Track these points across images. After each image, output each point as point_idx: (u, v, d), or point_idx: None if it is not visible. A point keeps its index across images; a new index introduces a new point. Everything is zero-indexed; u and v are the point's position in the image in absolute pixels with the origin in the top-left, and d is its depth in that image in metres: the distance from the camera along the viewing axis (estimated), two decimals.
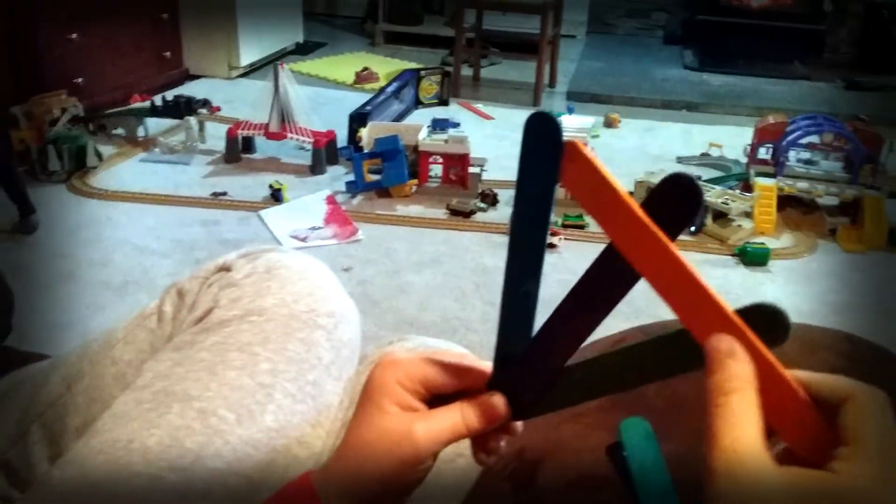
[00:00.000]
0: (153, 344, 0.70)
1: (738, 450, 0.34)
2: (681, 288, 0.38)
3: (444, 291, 1.99)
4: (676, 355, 0.41)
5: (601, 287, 0.42)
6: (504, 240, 2.46)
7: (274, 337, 0.65)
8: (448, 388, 0.49)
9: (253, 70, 3.82)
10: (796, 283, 2.13)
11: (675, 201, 0.38)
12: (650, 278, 0.39)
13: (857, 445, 0.34)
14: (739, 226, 2.37)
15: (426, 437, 0.47)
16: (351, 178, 2.51)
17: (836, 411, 0.37)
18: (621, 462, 0.49)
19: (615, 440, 0.50)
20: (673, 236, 0.39)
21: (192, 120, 2.75)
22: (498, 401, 0.48)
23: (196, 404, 0.61)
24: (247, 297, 0.67)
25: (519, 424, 0.50)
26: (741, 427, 0.35)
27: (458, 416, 0.48)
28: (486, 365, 0.49)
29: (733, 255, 2.24)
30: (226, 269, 0.71)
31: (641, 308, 0.97)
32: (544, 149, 0.41)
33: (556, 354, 0.46)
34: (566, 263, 2.11)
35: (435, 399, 0.49)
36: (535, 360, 0.47)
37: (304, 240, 2.20)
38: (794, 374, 0.38)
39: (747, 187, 2.52)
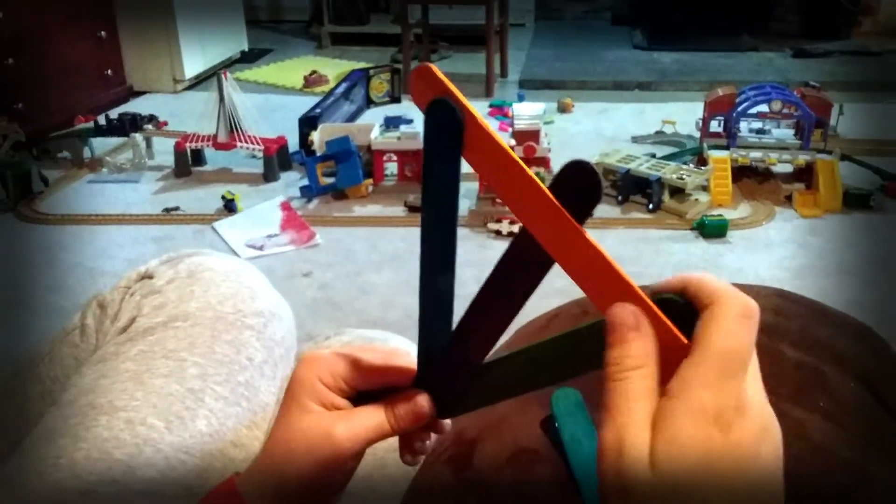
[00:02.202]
0: (78, 358, 0.67)
1: (629, 431, 0.34)
2: (588, 266, 0.38)
3: (406, 289, 1.97)
4: (602, 345, 0.40)
5: (516, 274, 0.41)
6: (464, 232, 2.46)
7: (200, 341, 0.63)
8: (371, 385, 0.48)
9: (199, 82, 3.76)
10: (756, 251, 2.14)
11: (577, 188, 0.37)
12: (560, 259, 0.38)
13: (691, 356, 0.35)
14: (696, 200, 2.38)
15: (347, 437, 0.45)
16: (305, 182, 2.48)
17: None
18: (555, 433, 0.48)
19: (548, 413, 0.49)
20: (579, 222, 0.38)
21: (139, 137, 2.70)
22: (422, 399, 0.47)
23: (123, 415, 0.59)
24: (170, 303, 0.65)
25: (447, 422, 0.49)
26: (635, 410, 0.35)
27: (382, 415, 0.47)
28: (411, 361, 0.48)
29: (692, 228, 2.25)
30: (148, 276, 0.69)
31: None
32: (445, 136, 0.39)
33: (476, 349, 0.45)
34: None
35: (362, 396, 0.48)
36: (455, 356, 0.45)
37: (260, 248, 2.17)
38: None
39: (702, 161, 2.53)
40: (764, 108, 2.54)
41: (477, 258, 2.10)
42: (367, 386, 0.48)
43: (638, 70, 3.98)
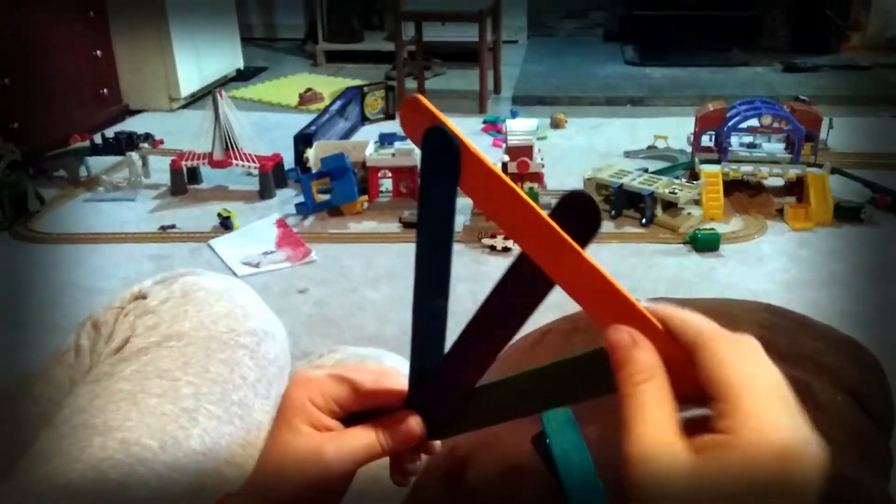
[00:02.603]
0: (72, 378, 0.68)
1: (652, 436, 0.35)
2: (589, 286, 0.38)
3: (402, 304, 1.98)
4: (594, 375, 0.40)
5: (512, 299, 0.42)
6: (458, 248, 2.47)
7: (194, 360, 0.63)
8: (363, 407, 0.48)
9: (195, 100, 3.78)
10: (748, 264, 2.16)
11: (576, 217, 0.39)
12: (561, 281, 0.39)
13: (727, 402, 0.35)
14: (689, 214, 2.40)
15: (336, 458, 0.46)
16: (301, 199, 2.49)
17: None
18: (545, 450, 0.49)
19: (539, 429, 0.50)
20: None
21: (135, 155, 2.71)
22: (413, 421, 0.47)
23: (117, 434, 0.59)
24: (164, 323, 0.65)
25: (437, 443, 0.49)
26: (654, 416, 0.36)
27: (373, 436, 0.47)
28: (403, 382, 0.49)
29: (685, 242, 2.27)
30: (141, 296, 0.69)
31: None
32: (442, 163, 0.40)
33: (469, 372, 0.45)
34: None
35: (353, 417, 0.48)
36: (447, 378, 0.46)
37: (256, 265, 2.18)
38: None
39: (694, 175, 2.55)
40: (754, 122, 2.56)
41: (471, 273, 2.11)
42: (359, 407, 0.48)
43: (630, 85, 4.01)
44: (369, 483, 0.61)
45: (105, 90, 3.41)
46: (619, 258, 2.16)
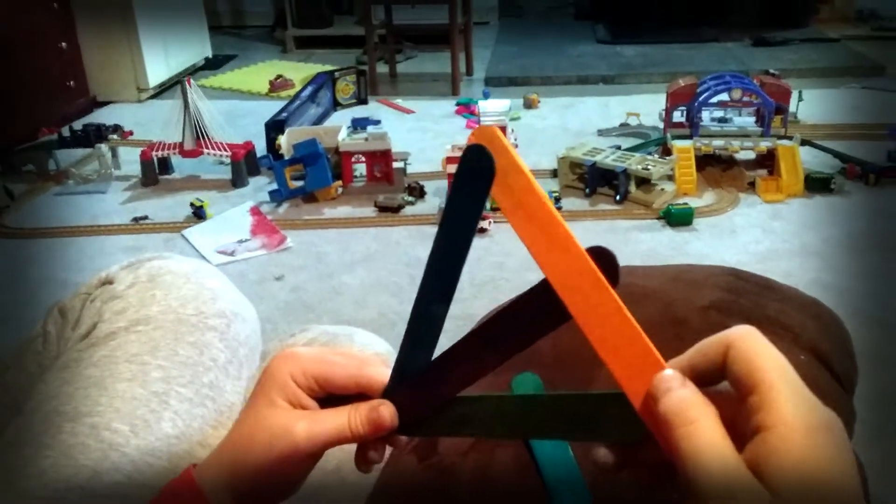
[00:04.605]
0: (41, 365, 0.68)
1: (717, 462, 0.34)
2: (614, 333, 0.38)
3: (379, 288, 1.98)
4: (584, 416, 0.40)
5: (519, 323, 0.42)
6: (434, 230, 2.45)
7: (163, 344, 0.63)
8: (342, 390, 0.49)
9: (164, 90, 3.73)
10: (721, 237, 2.18)
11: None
12: (582, 321, 0.38)
13: (761, 395, 0.35)
14: (662, 189, 2.41)
15: (307, 437, 0.46)
16: (274, 187, 2.48)
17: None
18: None
19: None
20: None
21: (104, 147, 2.67)
22: (386, 411, 0.48)
23: (88, 420, 0.59)
24: (131, 307, 0.65)
25: (403, 438, 0.50)
26: (715, 443, 0.35)
27: (345, 420, 0.47)
28: (383, 372, 0.49)
29: (659, 218, 2.28)
30: (108, 282, 0.69)
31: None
32: (476, 181, 0.40)
33: (451, 383, 0.46)
34: (498, 247, 2.12)
35: (329, 399, 0.49)
36: (429, 383, 0.46)
37: (231, 254, 2.16)
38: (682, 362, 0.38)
39: (666, 151, 2.57)
40: (725, 97, 2.58)
41: None
42: (338, 390, 0.49)
43: (602, 64, 4.02)
44: (343, 461, 0.61)
45: (72, 82, 3.36)
46: (595, 235, 2.17)
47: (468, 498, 0.50)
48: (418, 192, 2.49)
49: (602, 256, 0.38)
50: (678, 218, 2.23)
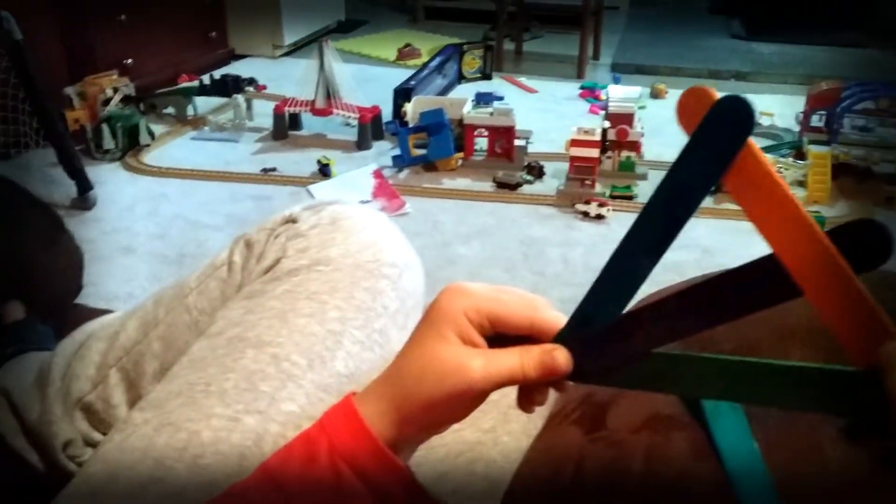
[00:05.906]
0: (224, 293, 0.71)
1: None
2: (850, 311, 0.36)
3: (492, 262, 1.99)
4: (815, 388, 0.39)
5: (741, 292, 0.39)
6: (551, 211, 2.46)
7: (341, 286, 0.66)
8: (514, 330, 0.48)
9: (296, 49, 3.84)
10: None
11: (856, 249, 0.36)
12: (816, 299, 0.37)
13: None
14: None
15: (482, 375, 0.45)
16: (396, 152, 2.52)
17: None
18: (693, 402, 0.49)
19: None
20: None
21: (240, 98, 2.78)
22: (562, 356, 0.47)
23: (269, 350, 0.62)
24: (313, 247, 0.68)
25: (569, 384, 0.49)
26: None
27: (517, 361, 0.46)
28: (556, 316, 0.48)
29: None
30: (292, 220, 0.72)
31: None
32: (725, 136, 0.38)
33: (646, 339, 0.43)
34: (615, 235, 2.10)
35: (495, 339, 0.48)
36: (616, 336, 0.44)
37: None
38: None
39: (800, 155, 2.47)
40: (870, 104, 2.45)
41: (563, 238, 2.11)
42: (511, 330, 0.48)
43: (735, 60, 3.88)
44: (498, 422, 0.62)
45: (214, 33, 3.51)
46: (718, 234, 2.12)
47: (639, 476, 0.49)
48: (537, 172, 2.48)
49: (871, 229, 0.36)
50: None
